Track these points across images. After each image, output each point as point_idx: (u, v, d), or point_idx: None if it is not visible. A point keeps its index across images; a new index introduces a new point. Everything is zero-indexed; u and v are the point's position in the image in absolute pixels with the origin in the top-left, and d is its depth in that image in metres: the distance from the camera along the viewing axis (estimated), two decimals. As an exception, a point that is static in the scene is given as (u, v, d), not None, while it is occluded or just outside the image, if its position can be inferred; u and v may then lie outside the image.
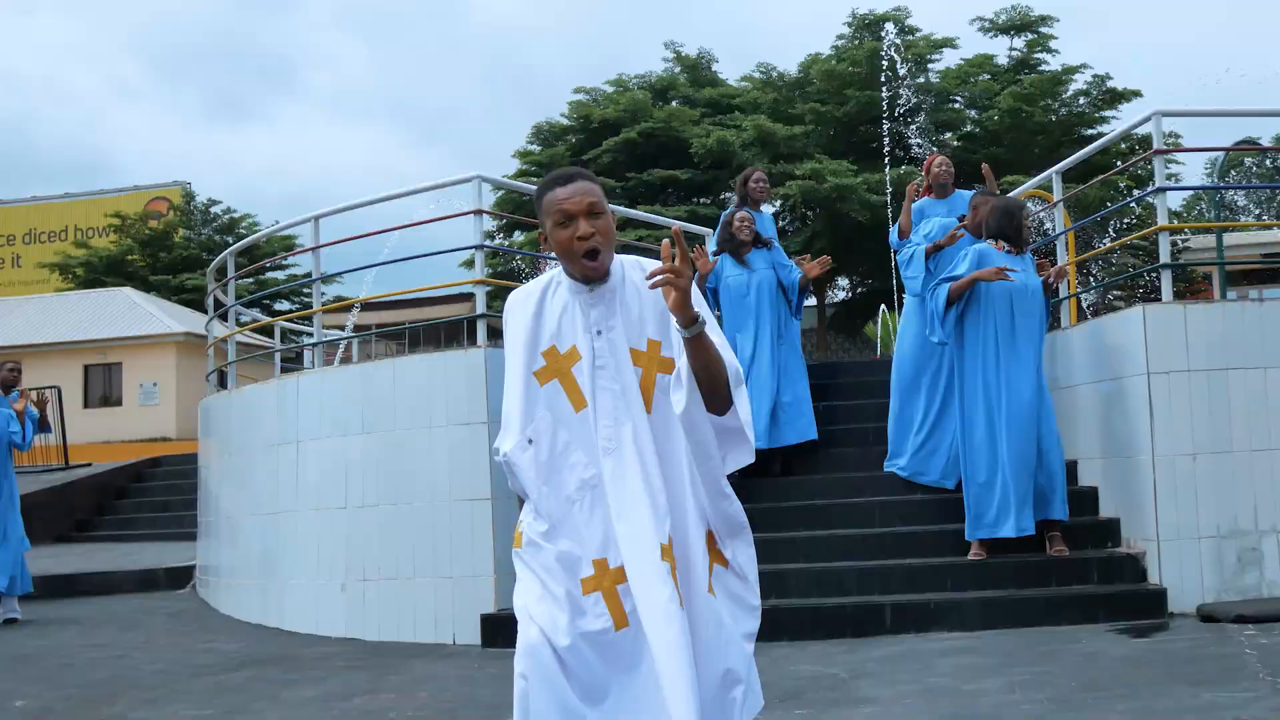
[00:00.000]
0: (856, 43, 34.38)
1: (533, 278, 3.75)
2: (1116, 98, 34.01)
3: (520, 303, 3.44)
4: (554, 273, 3.45)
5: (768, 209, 10.30)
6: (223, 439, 11.28)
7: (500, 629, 8.25)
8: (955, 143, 33.15)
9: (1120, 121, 34.30)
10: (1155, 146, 8.26)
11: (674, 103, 36.53)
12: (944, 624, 7.55)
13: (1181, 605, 7.55)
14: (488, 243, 9.18)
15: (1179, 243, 22.95)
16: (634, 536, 3.20)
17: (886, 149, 30.26)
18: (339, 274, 10.10)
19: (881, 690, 6.06)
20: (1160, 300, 8.27)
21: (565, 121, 38.10)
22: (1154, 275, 19.67)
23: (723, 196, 36.24)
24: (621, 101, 35.91)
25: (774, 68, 36.41)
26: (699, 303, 3.16)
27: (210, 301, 12.45)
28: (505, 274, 34.33)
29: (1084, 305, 12.89)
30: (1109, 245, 19.52)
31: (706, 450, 3.26)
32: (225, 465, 11.10)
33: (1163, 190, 8.28)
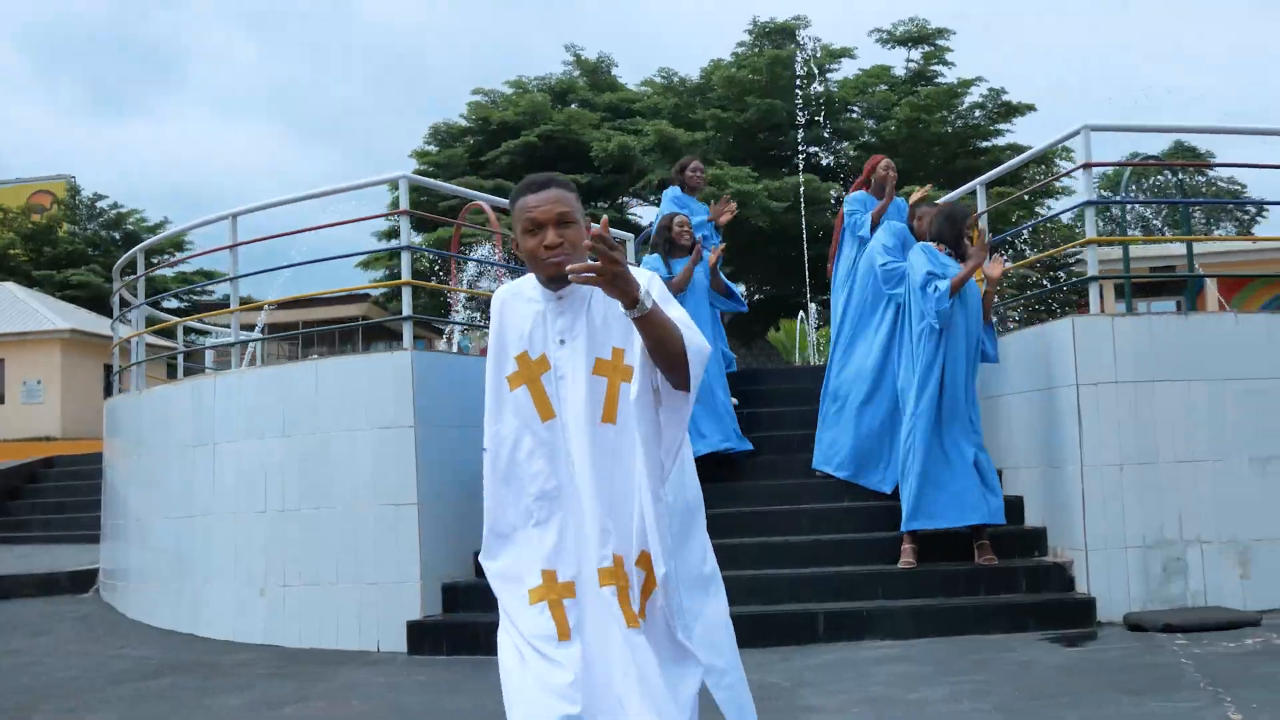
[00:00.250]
0: (757, 50, 34.61)
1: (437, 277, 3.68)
2: (1011, 111, 34.60)
3: (504, 301, 3.40)
4: (531, 277, 3.38)
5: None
6: (132, 440, 10.98)
7: (427, 636, 8.13)
8: (853, 152, 33.47)
9: (1014, 133, 34.99)
10: (1084, 160, 8.34)
11: (573, 106, 36.46)
12: (876, 632, 7.56)
13: (1109, 614, 7.63)
14: (413, 244, 8.99)
15: (1070, 259, 23.35)
16: (583, 555, 3.20)
17: (802, 155, 30.51)
18: (258, 272, 9.82)
19: (825, 699, 6.04)
20: (1081, 312, 8.36)
21: (464, 123, 37.85)
22: (1063, 289, 20.01)
23: (620, 200, 36.30)
24: (521, 104, 35.79)
25: (675, 73, 36.53)
26: (651, 283, 3.10)
27: (115, 300, 12.12)
28: (415, 274, 34.07)
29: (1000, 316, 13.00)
30: (1035, 256, 19.79)
31: (652, 441, 3.21)
32: (134, 466, 10.80)
33: (1092, 204, 8.39)
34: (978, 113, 33.99)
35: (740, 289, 12.74)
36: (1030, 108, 34.39)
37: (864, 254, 9.02)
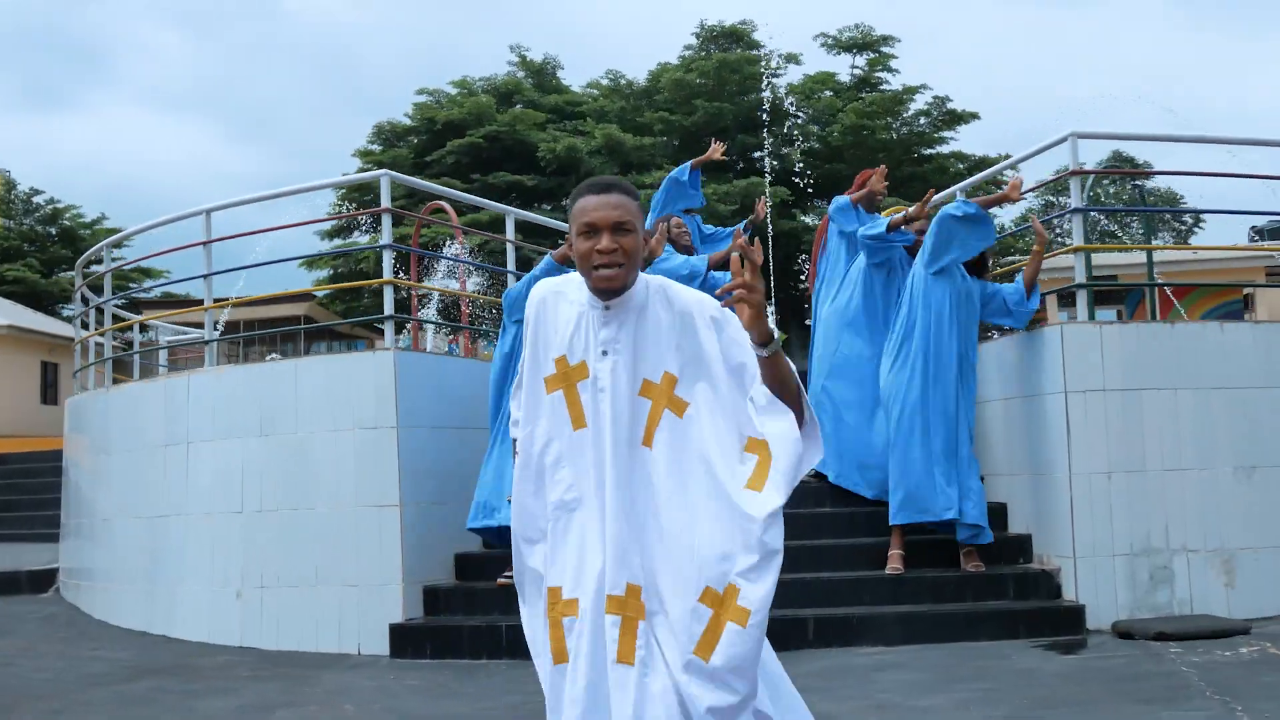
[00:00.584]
0: (705, 54, 34.69)
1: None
2: (956, 119, 34.90)
3: (543, 299, 3.25)
4: (578, 280, 3.24)
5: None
6: (97, 438, 10.77)
7: (409, 639, 8.03)
8: (797, 157, 33.63)
9: (958, 141, 35.33)
10: (1072, 167, 8.38)
11: (518, 107, 36.33)
12: (865, 638, 7.54)
13: (1097, 621, 7.66)
14: (394, 244, 8.88)
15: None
16: (593, 577, 3.05)
17: (768, 158, 30.53)
18: (233, 269, 9.69)
19: (832, 706, 6.00)
20: (1075, 320, 8.41)
21: (408, 122, 37.64)
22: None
23: (564, 203, 36.22)
24: (466, 105, 35.63)
25: (622, 75, 36.55)
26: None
27: (77, 297, 11.91)
28: (351, 274, 33.83)
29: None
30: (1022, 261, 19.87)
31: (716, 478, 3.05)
32: (101, 465, 10.59)
33: (1080, 211, 8.43)
34: (923, 120, 34.23)
35: None
36: (974, 116, 34.69)
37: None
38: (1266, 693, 5.81)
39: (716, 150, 9.76)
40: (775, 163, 34.40)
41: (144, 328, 16.42)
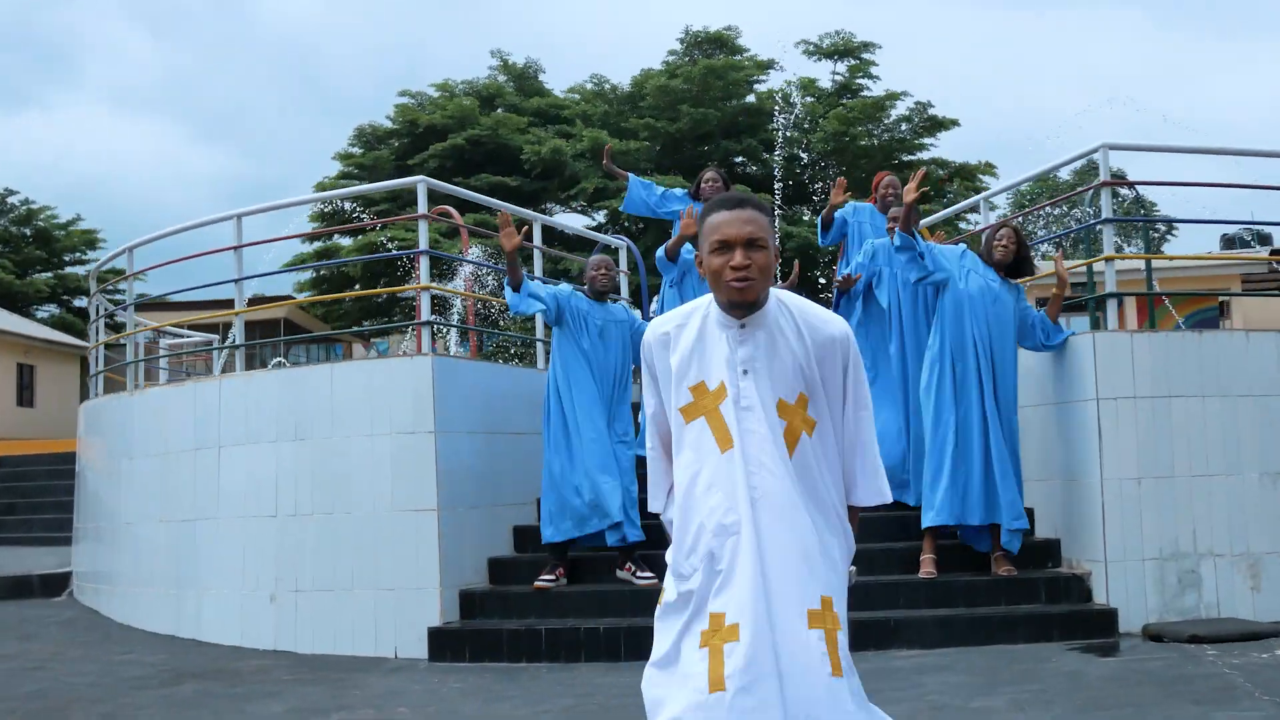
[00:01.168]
0: (689, 60, 34.79)
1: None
2: (937, 125, 35.09)
3: (668, 334, 3.28)
4: (702, 301, 3.31)
5: None
6: (118, 442, 10.78)
7: (448, 643, 8.10)
8: (775, 158, 33.73)
9: (938, 147, 35.53)
10: (1102, 178, 8.53)
11: (500, 111, 36.30)
12: (903, 641, 7.66)
13: (1127, 625, 7.80)
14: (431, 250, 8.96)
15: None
16: (781, 595, 3.06)
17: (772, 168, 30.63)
18: (266, 274, 9.73)
19: (887, 707, 6.03)
20: (1105, 329, 8.56)
21: (389, 125, 37.55)
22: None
23: (545, 206, 36.22)
24: (449, 108, 35.59)
25: (607, 80, 36.59)
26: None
27: (93, 303, 11.94)
28: (333, 278, 33.77)
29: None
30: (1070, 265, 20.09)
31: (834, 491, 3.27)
32: (121, 469, 10.59)
33: (1109, 221, 8.58)
34: (904, 126, 34.39)
35: None
36: (954, 123, 34.88)
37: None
38: (1315, 693, 5.96)
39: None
40: (757, 167, 34.55)
41: (159, 333, 16.41)
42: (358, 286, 33.22)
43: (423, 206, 8.86)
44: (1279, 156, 9.24)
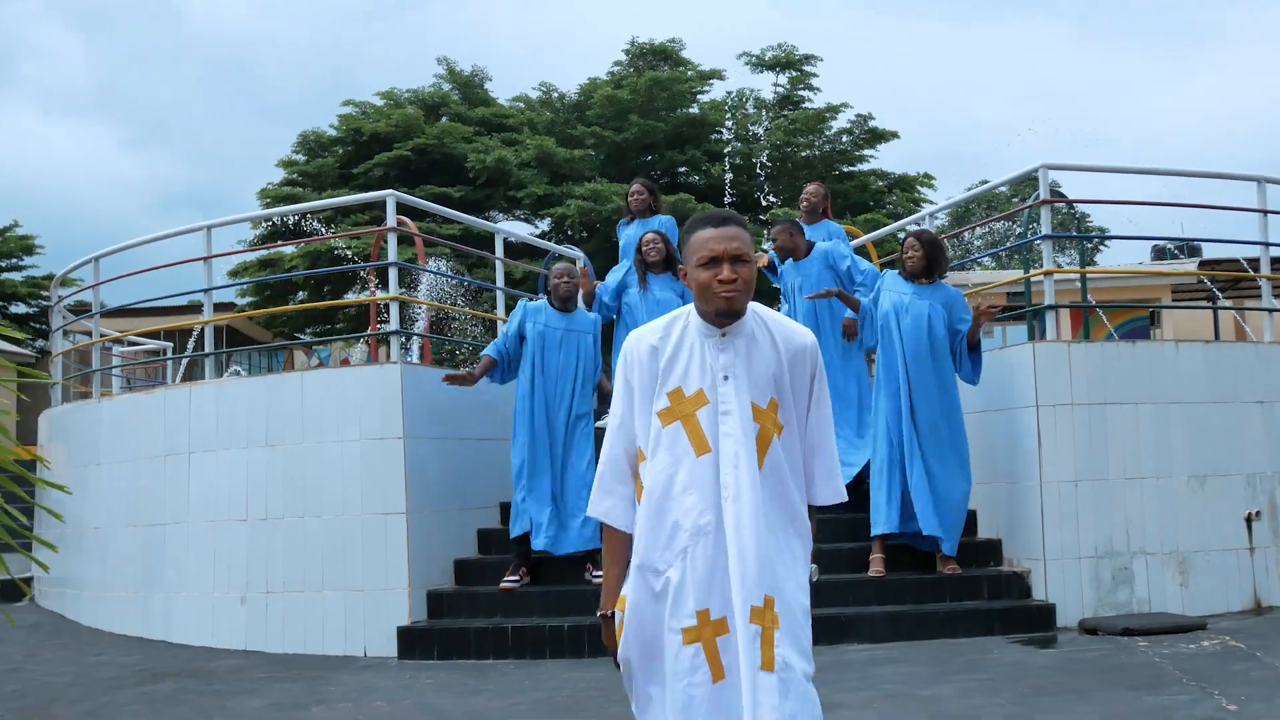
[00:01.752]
0: (635, 71, 35.15)
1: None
2: (877, 137, 35.65)
3: (645, 341, 3.48)
4: (681, 312, 3.52)
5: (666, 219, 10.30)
6: (82, 449, 10.98)
7: (417, 641, 8.40)
8: (726, 174, 34.15)
9: (878, 159, 36.11)
10: (1041, 196, 8.98)
11: (445, 120, 36.45)
12: (857, 635, 8.06)
13: (1064, 619, 8.24)
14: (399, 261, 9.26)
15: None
16: (738, 590, 3.22)
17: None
18: (234, 284, 9.95)
19: (845, 696, 6.50)
20: (1043, 340, 9.00)
21: (333, 133, 37.57)
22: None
23: (489, 214, 36.45)
24: (393, 116, 35.70)
25: (554, 88, 36.86)
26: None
27: (54, 312, 12.13)
28: (277, 285, 33.81)
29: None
30: (1001, 282, 20.59)
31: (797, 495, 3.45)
32: (87, 476, 10.78)
33: (1047, 238, 9.03)
34: (845, 138, 34.91)
35: None
36: (894, 135, 35.46)
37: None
38: (1237, 679, 6.41)
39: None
40: (700, 177, 34.92)
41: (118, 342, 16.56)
42: (302, 294, 33.29)
43: (391, 220, 9.16)
44: (1204, 176, 9.73)
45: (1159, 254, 35.13)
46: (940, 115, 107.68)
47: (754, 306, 3.49)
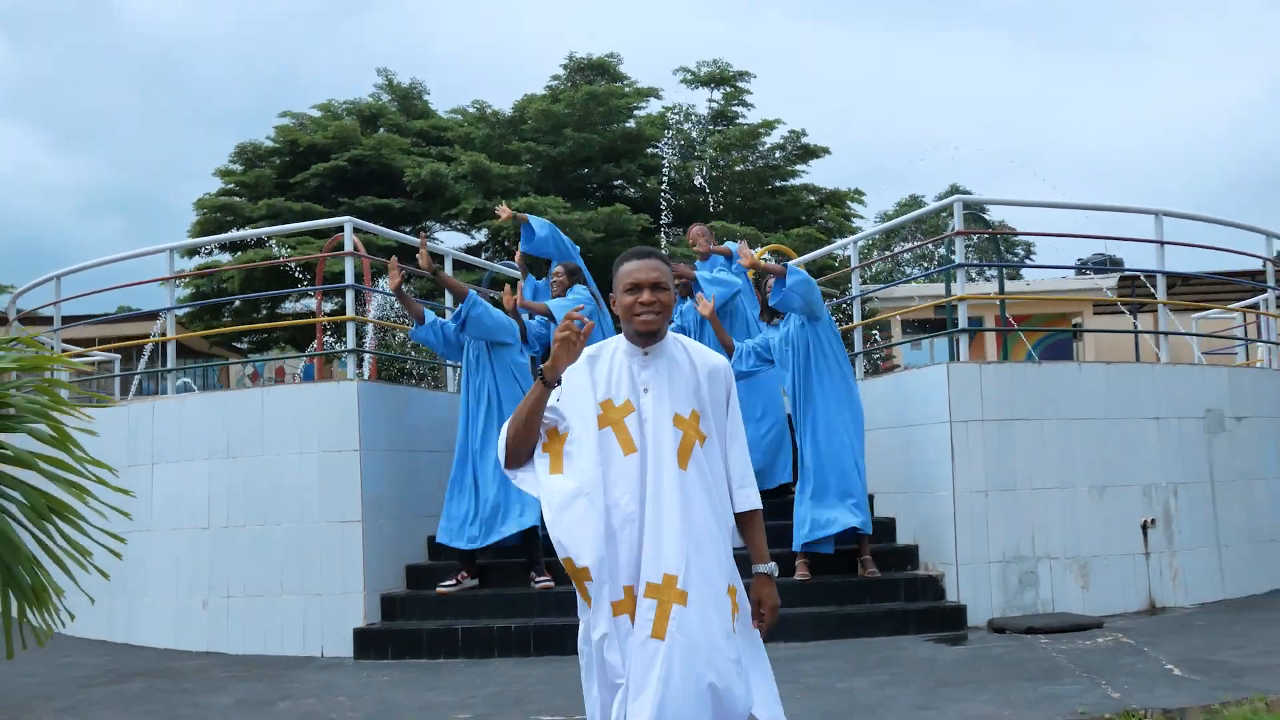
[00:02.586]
0: (572, 85, 35.73)
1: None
2: (809, 154, 36.45)
3: (590, 355, 4.10)
4: (612, 340, 4.14)
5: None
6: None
7: (372, 642, 8.94)
8: (663, 189, 34.76)
9: (810, 174, 36.92)
10: (957, 228, 9.68)
11: (382, 131, 36.79)
12: (783, 635, 8.66)
13: (975, 619, 8.93)
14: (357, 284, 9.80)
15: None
16: (643, 568, 3.83)
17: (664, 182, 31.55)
18: (201, 303, 10.43)
19: (770, 689, 7.11)
20: (949, 361, 9.70)
21: (270, 144, 37.79)
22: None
23: (425, 225, 36.83)
24: (330, 128, 36.00)
25: (488, 105, 37.34)
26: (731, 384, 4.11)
27: (12, 330, 12.52)
28: (213, 293, 34.07)
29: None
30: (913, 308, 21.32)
31: (721, 494, 4.04)
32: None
33: (961, 266, 9.72)
34: (778, 154, 35.65)
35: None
36: (825, 151, 36.25)
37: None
38: (1124, 671, 7.10)
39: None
40: (635, 189, 35.50)
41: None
42: (236, 301, 33.43)
43: (349, 244, 9.70)
44: (1106, 210, 10.47)
45: (1083, 265, 36.28)
46: (879, 125, 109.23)
47: (676, 335, 4.14)
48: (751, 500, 4.10)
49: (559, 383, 4.00)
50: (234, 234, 9.67)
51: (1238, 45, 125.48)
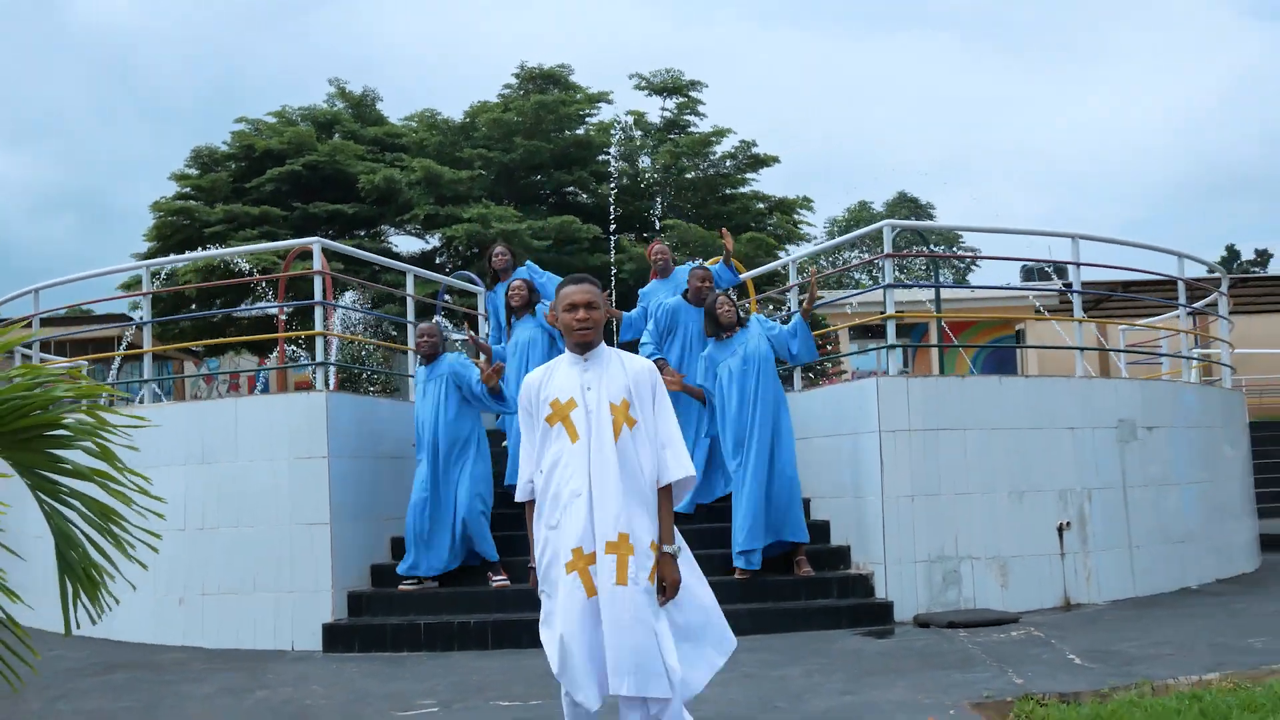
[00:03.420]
0: (523, 94, 36.28)
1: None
2: (759, 162, 37.18)
3: (531, 381, 5.08)
4: (564, 355, 5.11)
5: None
6: (22, 463, 11.93)
7: (340, 636, 9.55)
8: (610, 196, 35.36)
9: (759, 182, 37.65)
10: (886, 250, 10.39)
11: (337, 137, 37.20)
12: (723, 630, 9.35)
13: (902, 615, 9.64)
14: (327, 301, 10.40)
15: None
16: (598, 531, 4.80)
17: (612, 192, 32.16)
18: (189, 316, 10.98)
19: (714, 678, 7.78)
20: (870, 377, 10.41)
21: (225, 149, 38.10)
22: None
23: (379, 229, 37.30)
24: (286, 134, 36.39)
25: (439, 112, 37.83)
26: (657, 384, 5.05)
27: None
28: (171, 296, 34.44)
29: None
30: (844, 323, 21.97)
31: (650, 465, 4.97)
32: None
33: (892, 287, 10.43)
34: (728, 162, 36.33)
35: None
36: (775, 159, 36.97)
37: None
38: (1031, 661, 7.82)
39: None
40: (587, 196, 36.06)
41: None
42: (194, 306, 33.73)
43: (318, 263, 10.31)
44: (1024, 233, 11.22)
45: (1027, 275, 37.21)
46: (829, 126, 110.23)
47: (610, 348, 5.14)
48: (687, 469, 5.00)
49: None
50: (207, 253, 10.14)
51: (1186, 50, 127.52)
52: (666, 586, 4.84)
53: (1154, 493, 11.01)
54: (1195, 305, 13.92)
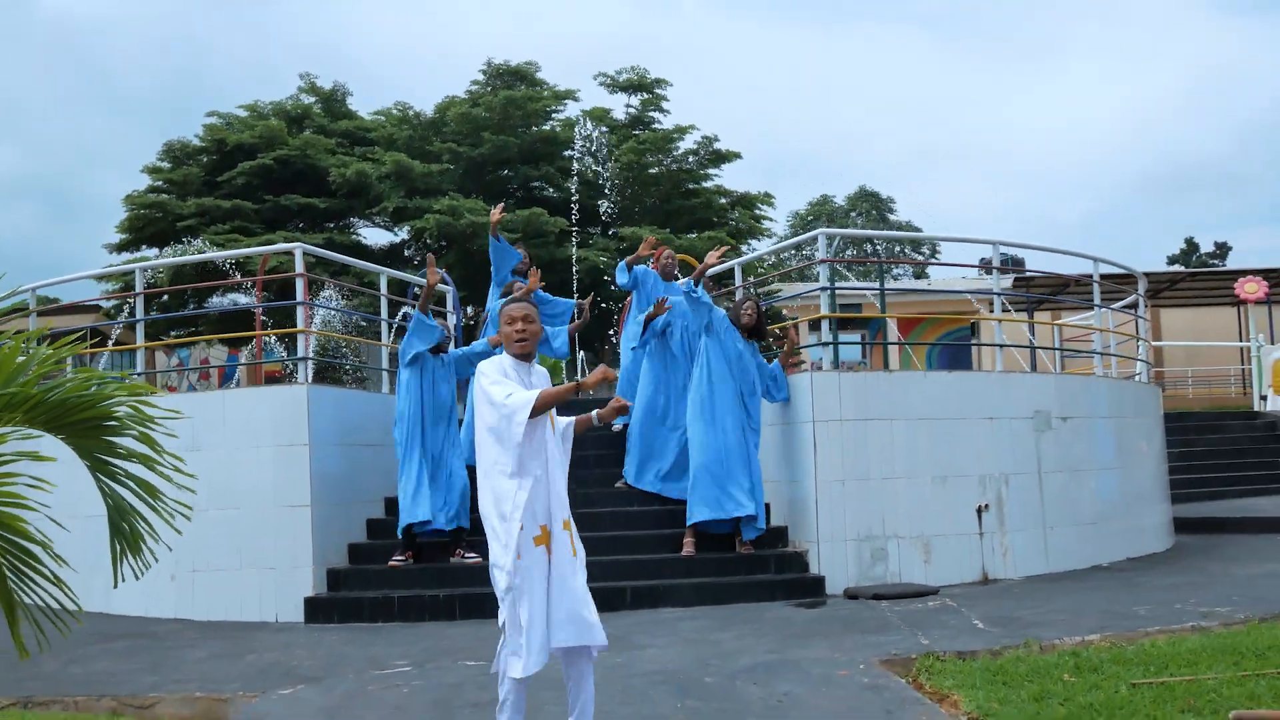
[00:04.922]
0: (491, 90, 37.08)
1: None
2: (720, 158, 38.09)
3: (495, 366, 5.82)
4: (504, 358, 5.93)
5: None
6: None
7: (320, 608, 10.45)
8: (573, 190, 36.18)
9: (721, 178, 38.58)
10: (821, 257, 11.34)
11: (308, 132, 37.80)
12: (669, 601, 10.29)
13: (833, 588, 10.59)
14: (314, 302, 11.27)
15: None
16: (554, 511, 5.71)
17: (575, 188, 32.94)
18: (176, 314, 11.79)
19: (652, 640, 8.74)
20: (816, 369, 11.36)
21: (197, 142, 38.59)
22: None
23: (349, 221, 37.99)
24: (258, 128, 36.97)
25: (410, 106, 38.59)
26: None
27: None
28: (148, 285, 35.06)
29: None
30: (790, 325, 22.79)
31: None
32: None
33: (827, 289, 11.38)
34: (691, 159, 37.20)
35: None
36: (736, 155, 37.90)
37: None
38: (939, 626, 8.80)
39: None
40: (554, 191, 36.86)
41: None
42: (165, 298, 34.37)
43: (299, 267, 11.19)
44: (946, 240, 12.16)
45: (986, 268, 38.35)
46: (792, 118, 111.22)
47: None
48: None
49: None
50: (193, 257, 10.93)
51: (1147, 45, 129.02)
52: (620, 408, 5.85)
53: (1068, 478, 11.99)
54: (1113, 305, 14.93)
